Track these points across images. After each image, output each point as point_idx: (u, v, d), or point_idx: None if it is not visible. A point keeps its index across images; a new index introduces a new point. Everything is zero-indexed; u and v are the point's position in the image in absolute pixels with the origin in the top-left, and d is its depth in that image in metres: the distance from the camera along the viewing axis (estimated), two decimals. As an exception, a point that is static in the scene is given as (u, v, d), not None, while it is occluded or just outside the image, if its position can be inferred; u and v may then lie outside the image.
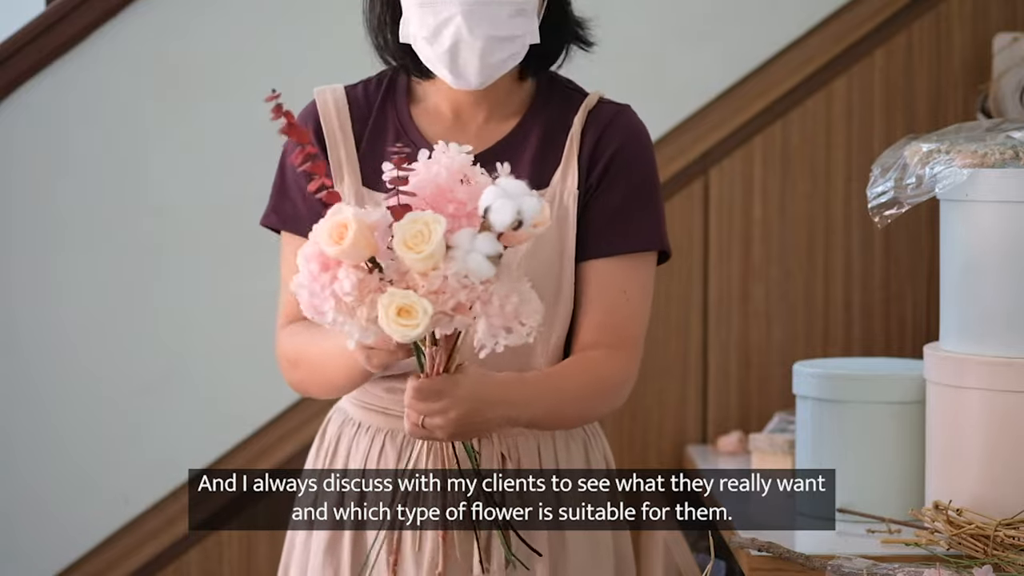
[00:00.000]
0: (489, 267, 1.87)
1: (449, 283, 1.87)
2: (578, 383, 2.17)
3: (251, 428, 3.43)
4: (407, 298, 1.86)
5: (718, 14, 3.40)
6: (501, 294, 1.89)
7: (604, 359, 2.18)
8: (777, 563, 2.34)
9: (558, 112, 2.23)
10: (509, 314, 1.90)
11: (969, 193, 2.40)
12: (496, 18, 2.13)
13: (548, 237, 2.17)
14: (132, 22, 3.40)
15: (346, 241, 1.87)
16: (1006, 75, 3.25)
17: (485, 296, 1.88)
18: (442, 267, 1.87)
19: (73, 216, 3.42)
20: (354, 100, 2.26)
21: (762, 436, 3.04)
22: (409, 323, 1.86)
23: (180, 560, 3.44)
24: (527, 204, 1.88)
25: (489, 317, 1.89)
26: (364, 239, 1.88)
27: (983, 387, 2.38)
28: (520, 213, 1.87)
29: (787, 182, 3.40)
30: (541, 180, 2.20)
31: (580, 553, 2.23)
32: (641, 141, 2.24)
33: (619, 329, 2.19)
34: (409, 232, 1.87)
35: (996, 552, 2.27)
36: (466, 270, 1.87)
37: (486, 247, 1.87)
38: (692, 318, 3.40)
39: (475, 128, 2.24)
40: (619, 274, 2.20)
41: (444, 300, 1.88)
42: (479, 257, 1.87)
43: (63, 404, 3.43)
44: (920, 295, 3.39)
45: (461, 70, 2.16)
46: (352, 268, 1.89)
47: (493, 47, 2.14)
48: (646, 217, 2.21)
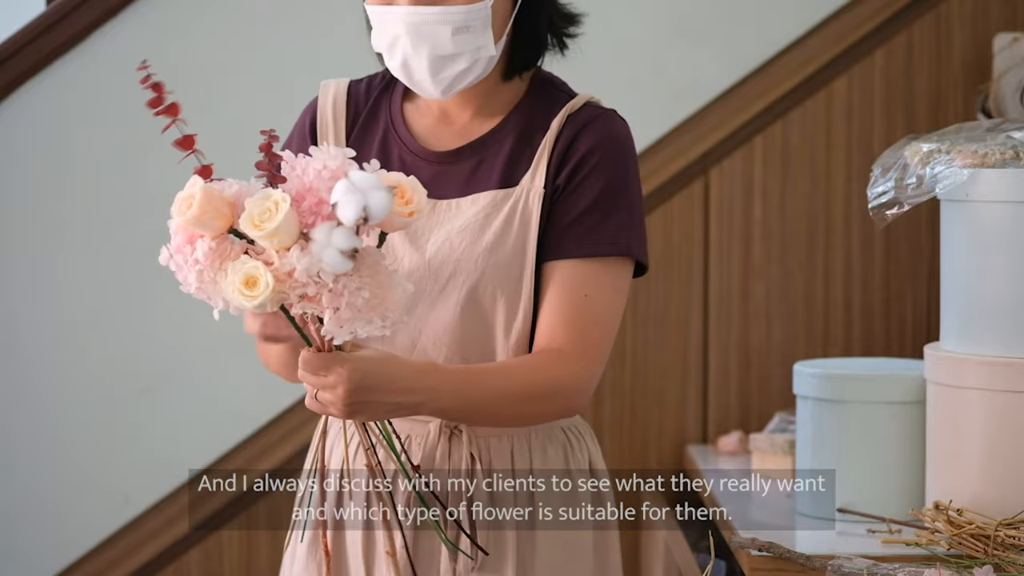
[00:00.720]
0: (343, 262, 1.86)
1: (298, 275, 1.88)
2: (517, 382, 2.12)
3: (251, 428, 3.43)
4: (255, 269, 1.89)
5: (718, 14, 3.40)
6: (351, 288, 1.88)
7: (555, 361, 2.14)
8: (777, 563, 2.34)
9: (541, 113, 2.23)
10: (360, 307, 1.89)
11: (969, 193, 2.40)
12: (437, 37, 2.14)
13: (511, 234, 2.17)
14: (132, 22, 3.40)
15: (191, 211, 1.91)
16: (1006, 75, 3.26)
17: (335, 289, 1.89)
18: (295, 257, 1.87)
19: (73, 216, 3.42)
20: (353, 94, 2.29)
21: (762, 436, 3.04)
22: (251, 293, 1.89)
23: (180, 560, 3.44)
24: (374, 198, 1.86)
25: (337, 309, 1.89)
26: (213, 210, 1.91)
27: (983, 387, 2.38)
28: (366, 208, 1.85)
29: (787, 182, 3.40)
30: (512, 178, 2.20)
31: (553, 554, 2.21)
32: (616, 145, 2.21)
33: (579, 333, 2.15)
34: (257, 209, 1.88)
35: (996, 552, 2.27)
36: (320, 265, 1.87)
37: (342, 242, 1.86)
38: (692, 318, 3.40)
39: (460, 124, 2.25)
40: (581, 277, 2.17)
41: (291, 286, 1.89)
42: (333, 252, 1.86)
43: (63, 404, 3.43)
44: (920, 295, 3.39)
45: (418, 84, 2.19)
46: (210, 238, 1.92)
47: (440, 64, 2.16)
48: (614, 222, 2.18)
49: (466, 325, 2.17)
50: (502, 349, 2.18)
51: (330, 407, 2.01)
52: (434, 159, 2.23)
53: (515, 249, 2.18)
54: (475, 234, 2.17)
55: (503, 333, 2.18)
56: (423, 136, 2.25)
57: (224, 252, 1.92)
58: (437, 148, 2.24)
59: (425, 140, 2.25)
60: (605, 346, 2.19)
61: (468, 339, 2.17)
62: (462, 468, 2.19)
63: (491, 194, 2.19)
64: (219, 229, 1.93)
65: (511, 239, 2.17)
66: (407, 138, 2.25)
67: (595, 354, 2.17)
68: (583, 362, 2.16)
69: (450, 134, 2.24)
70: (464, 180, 2.21)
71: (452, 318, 2.17)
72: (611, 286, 2.19)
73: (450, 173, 2.22)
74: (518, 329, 2.18)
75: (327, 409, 2.02)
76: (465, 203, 2.19)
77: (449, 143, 2.24)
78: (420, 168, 2.20)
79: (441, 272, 2.18)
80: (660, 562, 3.01)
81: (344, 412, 2.01)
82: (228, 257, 1.92)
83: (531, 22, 2.23)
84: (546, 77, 2.28)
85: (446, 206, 2.20)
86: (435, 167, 2.22)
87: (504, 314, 2.18)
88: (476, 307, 2.17)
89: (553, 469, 2.23)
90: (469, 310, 2.17)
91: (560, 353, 2.15)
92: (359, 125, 2.28)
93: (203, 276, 1.93)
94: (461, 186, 2.21)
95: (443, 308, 2.17)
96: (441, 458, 2.18)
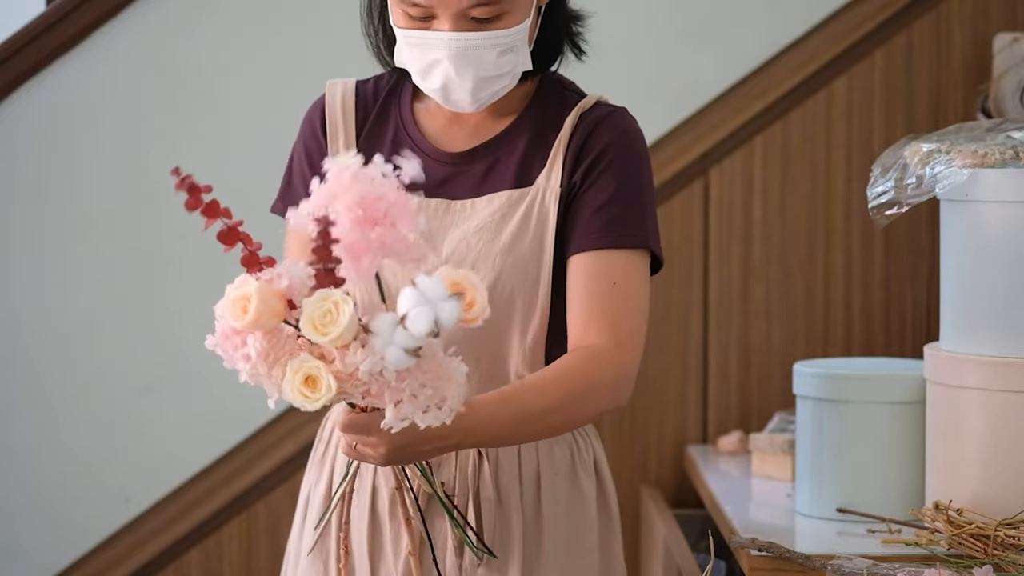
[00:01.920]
0: (406, 359, 1.79)
1: (360, 375, 1.81)
2: (554, 397, 2.08)
3: (251, 428, 3.43)
4: (316, 370, 1.80)
5: (718, 14, 3.41)
6: (415, 386, 1.81)
7: (592, 358, 2.12)
8: (777, 563, 2.34)
9: (553, 113, 2.24)
10: (420, 403, 1.82)
11: (969, 193, 2.40)
12: (483, 60, 2.14)
13: (528, 234, 2.18)
14: (132, 22, 3.40)
15: (248, 317, 1.81)
16: (1006, 75, 3.26)
17: (397, 386, 1.81)
18: (357, 353, 1.79)
19: (74, 216, 3.42)
20: (361, 94, 2.29)
21: (762, 436, 3.04)
22: (312, 395, 1.81)
23: (180, 560, 3.44)
24: (444, 310, 1.77)
25: (398, 405, 1.83)
26: (269, 310, 1.81)
27: (983, 387, 2.38)
28: (437, 323, 1.76)
29: (787, 182, 3.40)
30: (527, 178, 2.20)
31: (557, 551, 2.22)
32: (630, 141, 2.22)
33: (612, 324, 2.14)
34: (316, 312, 1.79)
35: (996, 552, 2.27)
36: (382, 364, 1.79)
37: (406, 341, 1.78)
38: (692, 318, 3.40)
39: (471, 125, 2.25)
40: (607, 267, 2.16)
41: (354, 385, 1.82)
42: (396, 350, 1.78)
43: (64, 403, 3.43)
44: (920, 295, 3.39)
45: (454, 103, 2.19)
46: (261, 335, 1.83)
47: (483, 85, 2.16)
48: (633, 215, 2.18)
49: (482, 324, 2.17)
50: (518, 348, 2.18)
51: (369, 459, 1.99)
52: (447, 160, 2.23)
53: (532, 248, 2.18)
54: (492, 234, 2.18)
55: (519, 333, 2.18)
56: (435, 137, 2.25)
57: (278, 346, 1.84)
58: (450, 149, 2.24)
59: (437, 141, 2.25)
60: (639, 335, 2.17)
61: (484, 338, 2.16)
62: (469, 467, 2.19)
63: (506, 194, 2.19)
64: (274, 327, 1.84)
65: (528, 238, 2.18)
66: (419, 139, 2.25)
67: (631, 344, 2.15)
68: (619, 354, 2.14)
69: (462, 135, 2.25)
70: (478, 180, 2.22)
71: None
72: (637, 275, 2.18)
73: (464, 174, 2.22)
74: (535, 328, 2.18)
75: (366, 459, 2.00)
76: (480, 203, 2.20)
77: (462, 144, 2.24)
78: (433, 169, 2.20)
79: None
80: (660, 562, 3.01)
81: (384, 463, 2.00)
82: (283, 352, 1.83)
83: (550, 28, 2.24)
84: (555, 77, 2.29)
85: (460, 206, 2.20)
86: (448, 168, 2.22)
87: (521, 314, 2.18)
88: (493, 307, 2.16)
89: (559, 468, 2.24)
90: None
91: (596, 349, 2.13)
92: (369, 125, 2.27)
93: (256, 369, 1.84)
94: (475, 186, 2.21)
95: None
96: (448, 457, 2.19)
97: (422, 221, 1.84)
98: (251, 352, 1.83)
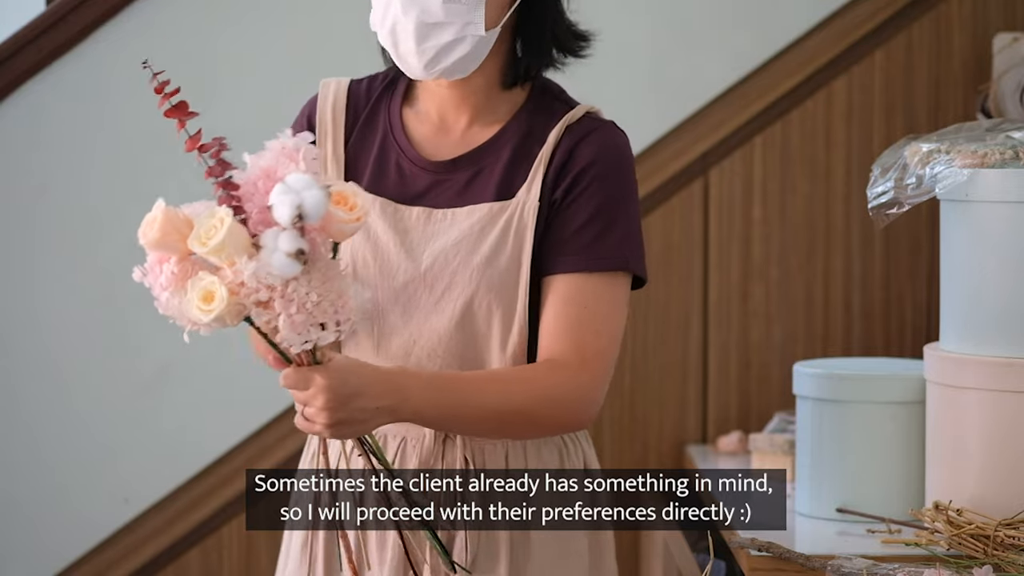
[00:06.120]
0: (291, 264, 1.87)
1: (247, 281, 1.89)
2: (499, 393, 2.10)
3: (251, 428, 3.43)
4: (212, 284, 1.91)
5: (718, 14, 3.41)
6: (301, 292, 1.89)
7: (551, 370, 2.12)
8: (777, 563, 2.34)
9: (539, 124, 2.21)
10: (312, 310, 1.90)
11: (969, 193, 2.40)
12: (428, 2, 2.13)
13: (506, 248, 2.17)
14: (132, 22, 3.40)
15: (152, 234, 1.94)
16: (1006, 75, 3.26)
17: (286, 294, 1.89)
18: (242, 263, 1.89)
19: (74, 215, 3.42)
20: (353, 94, 2.28)
21: (762, 436, 3.04)
22: (208, 307, 1.91)
23: (180, 560, 3.44)
24: (309, 198, 1.87)
25: (290, 315, 1.90)
26: (175, 232, 1.93)
27: (983, 387, 2.38)
28: (300, 207, 1.86)
29: (787, 182, 3.40)
30: (509, 190, 2.19)
31: (545, 553, 2.21)
32: (615, 158, 2.19)
33: (577, 343, 2.13)
34: (204, 227, 1.90)
35: (996, 552, 2.27)
36: (268, 269, 1.88)
37: (286, 244, 1.87)
38: (692, 318, 3.40)
39: (458, 132, 2.24)
40: (579, 291, 2.15)
41: (246, 294, 1.91)
42: (279, 255, 1.87)
43: (63, 403, 3.43)
44: (920, 295, 3.39)
45: (403, 55, 2.17)
46: (176, 260, 1.95)
47: (426, 32, 2.14)
48: (612, 237, 2.17)
49: (461, 338, 2.16)
50: (498, 362, 2.17)
51: (316, 423, 2.00)
52: (431, 168, 2.22)
53: (510, 263, 2.17)
54: (470, 247, 2.17)
55: (499, 346, 2.17)
56: (421, 144, 2.24)
57: (186, 273, 1.94)
58: (435, 157, 2.23)
59: (423, 148, 2.24)
60: (607, 359, 2.16)
61: (463, 352, 2.16)
62: (456, 469, 2.18)
63: (487, 206, 2.18)
64: (184, 251, 1.94)
65: (506, 253, 2.17)
66: (405, 145, 2.24)
67: (596, 366, 2.14)
68: (582, 373, 2.13)
69: (448, 143, 2.23)
70: (460, 190, 2.20)
71: (447, 330, 2.17)
72: (610, 300, 2.17)
73: (447, 182, 2.21)
74: (514, 342, 2.17)
75: (314, 427, 2.01)
76: (461, 214, 2.19)
77: (448, 152, 2.23)
78: (417, 176, 2.20)
79: (436, 284, 2.17)
80: (660, 562, 3.01)
81: (329, 424, 2.00)
82: (189, 275, 1.94)
83: (533, 30, 2.22)
84: (545, 85, 2.26)
85: (441, 215, 2.19)
86: (432, 176, 2.21)
87: (499, 328, 2.17)
88: (471, 320, 2.16)
89: (548, 470, 2.23)
90: (464, 323, 2.16)
91: (557, 363, 2.13)
92: (359, 127, 2.27)
93: (170, 298, 1.95)
94: (457, 196, 2.20)
95: (438, 320, 2.17)
96: (435, 460, 2.18)
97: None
98: (163, 279, 1.95)
